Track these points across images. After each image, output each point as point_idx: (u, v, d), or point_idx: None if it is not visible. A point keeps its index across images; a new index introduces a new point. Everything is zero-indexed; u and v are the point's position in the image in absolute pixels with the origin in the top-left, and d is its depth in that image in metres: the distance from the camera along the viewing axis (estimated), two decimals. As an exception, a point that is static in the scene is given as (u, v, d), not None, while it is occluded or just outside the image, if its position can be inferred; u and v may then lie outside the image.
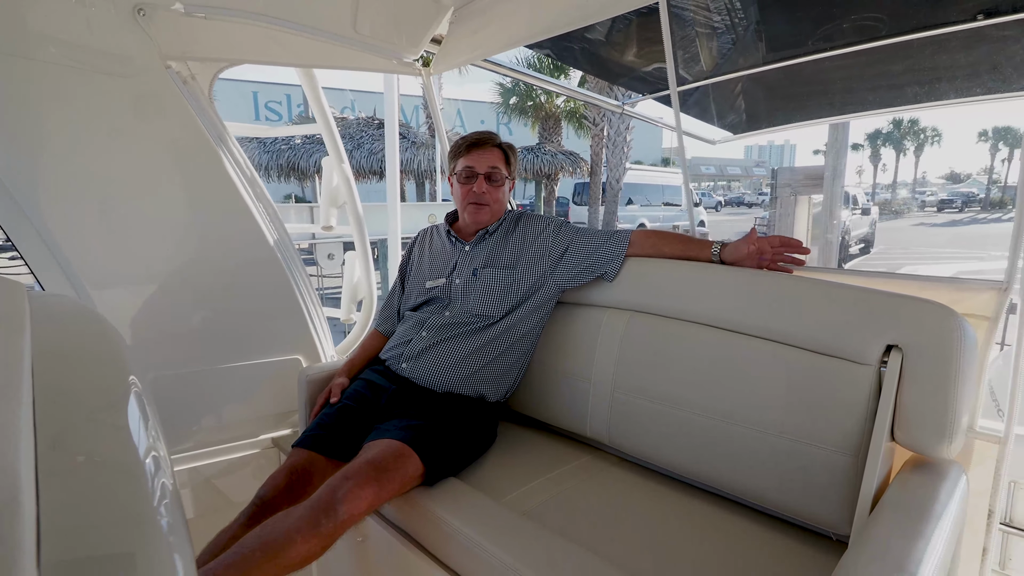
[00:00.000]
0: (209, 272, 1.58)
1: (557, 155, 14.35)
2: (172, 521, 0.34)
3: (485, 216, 1.53)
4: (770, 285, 1.22)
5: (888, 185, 50.51)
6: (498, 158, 1.53)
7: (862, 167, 55.66)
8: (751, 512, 1.19)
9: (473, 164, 1.51)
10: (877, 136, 49.45)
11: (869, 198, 21.50)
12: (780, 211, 6.07)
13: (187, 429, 1.63)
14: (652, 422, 1.31)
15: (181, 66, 1.42)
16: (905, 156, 49.66)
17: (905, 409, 1.00)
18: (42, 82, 1.23)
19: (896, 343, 1.02)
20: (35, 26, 1.19)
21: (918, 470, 1.01)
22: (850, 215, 13.77)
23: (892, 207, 33.26)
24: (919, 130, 47.54)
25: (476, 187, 1.50)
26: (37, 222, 1.31)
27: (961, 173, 66.41)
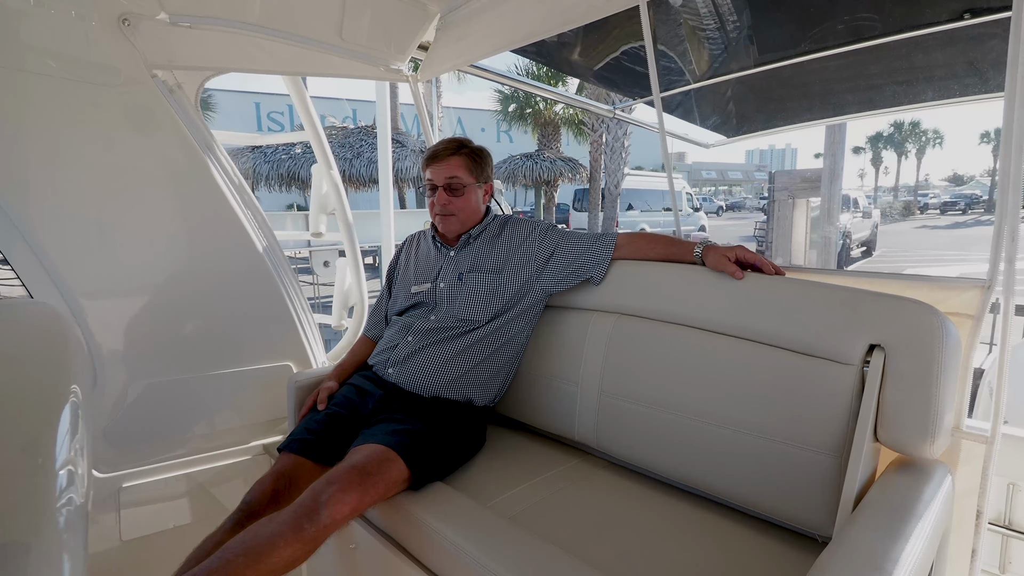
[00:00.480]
0: (199, 280, 1.59)
1: (556, 161, 14.42)
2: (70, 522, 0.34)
3: (454, 225, 1.53)
4: (754, 286, 1.22)
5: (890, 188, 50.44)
6: (457, 166, 1.50)
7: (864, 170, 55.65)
8: (737, 514, 1.18)
9: (432, 177, 1.51)
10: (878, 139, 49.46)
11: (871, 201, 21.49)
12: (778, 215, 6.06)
13: (179, 436, 1.63)
14: (639, 425, 1.31)
15: (167, 75, 1.43)
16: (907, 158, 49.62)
17: (888, 409, 0.99)
18: (28, 92, 1.24)
19: (878, 342, 1.02)
20: (20, 37, 1.20)
21: (902, 470, 1.00)
22: (851, 218, 13.75)
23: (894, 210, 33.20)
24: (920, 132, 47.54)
25: (438, 199, 1.50)
26: (26, 233, 1.32)
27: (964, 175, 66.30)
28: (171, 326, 1.57)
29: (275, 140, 1.85)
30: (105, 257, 1.44)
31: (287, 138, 1.80)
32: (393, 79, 1.76)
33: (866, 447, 0.97)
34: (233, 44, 1.46)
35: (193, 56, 1.43)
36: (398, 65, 1.72)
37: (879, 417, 1.00)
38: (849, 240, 13.17)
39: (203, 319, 1.63)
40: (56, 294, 1.39)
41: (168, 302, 1.55)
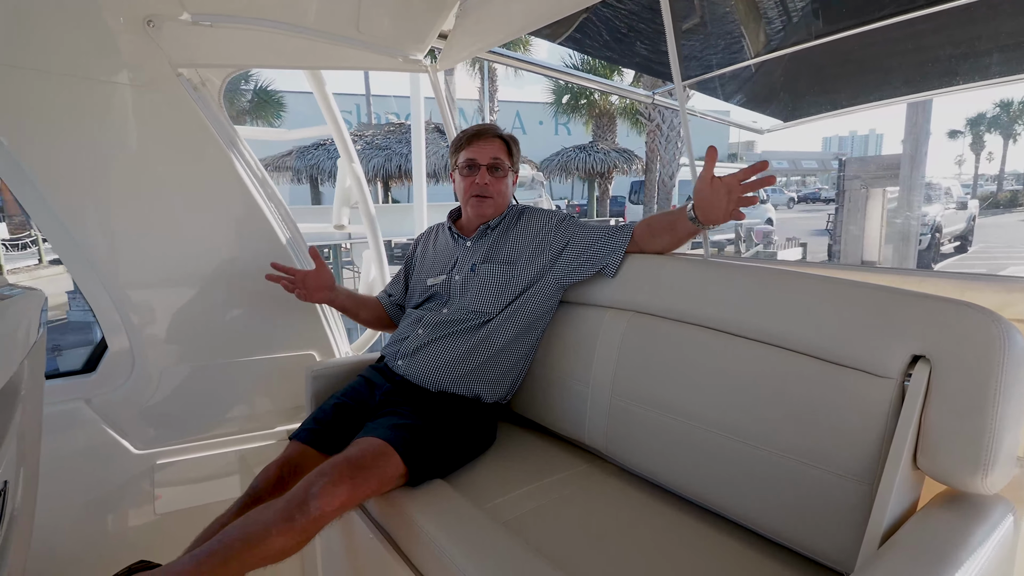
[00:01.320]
0: (226, 270, 1.65)
1: (610, 153, 14.05)
2: None
3: (489, 209, 1.50)
4: (781, 284, 1.09)
5: (994, 176, 45.42)
6: (500, 149, 1.50)
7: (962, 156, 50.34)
8: (751, 537, 1.07)
9: (475, 155, 1.48)
10: (980, 120, 44.53)
11: (967, 191, 19.40)
12: (849, 206, 5.54)
13: (209, 418, 1.71)
14: (649, 431, 1.22)
15: (192, 73, 1.48)
16: (1015, 142, 44.40)
17: (931, 431, 0.85)
18: (61, 95, 1.32)
19: (923, 353, 0.87)
20: (50, 41, 1.28)
21: (949, 505, 0.86)
22: (943, 210, 12.48)
23: (997, 200, 29.84)
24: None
25: (479, 178, 1.47)
26: (70, 227, 1.42)
27: (1086, 160, 58.39)
28: (202, 314, 1.65)
29: (299, 135, 1.89)
30: (138, 250, 1.52)
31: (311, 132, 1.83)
32: (411, 70, 1.74)
33: (901, 474, 0.84)
34: (253, 41, 1.49)
35: (215, 54, 1.47)
36: (416, 55, 1.70)
37: (920, 440, 0.86)
38: (939, 234, 11.95)
39: (232, 309, 1.69)
40: (98, 284, 1.48)
41: (198, 292, 1.62)
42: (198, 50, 1.43)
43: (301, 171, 12.27)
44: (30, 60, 1.26)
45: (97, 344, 1.59)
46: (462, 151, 1.50)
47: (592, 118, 15.32)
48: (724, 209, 1.17)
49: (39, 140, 1.32)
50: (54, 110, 1.32)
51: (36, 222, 1.40)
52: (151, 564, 1.06)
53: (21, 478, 0.87)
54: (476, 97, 14.82)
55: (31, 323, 0.79)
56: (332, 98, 1.77)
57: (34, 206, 1.36)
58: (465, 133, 1.51)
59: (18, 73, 1.25)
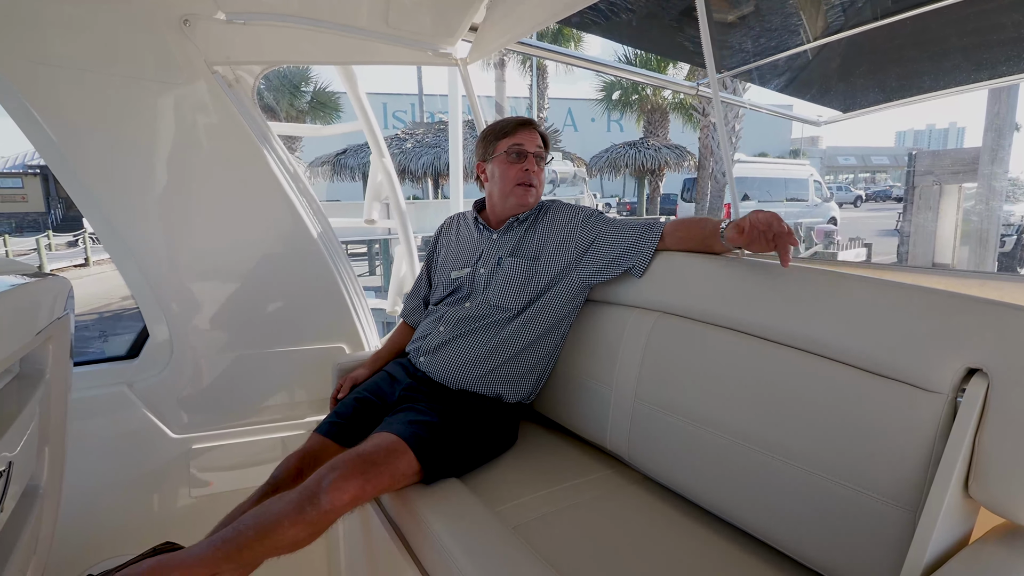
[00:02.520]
0: (260, 264, 1.70)
1: (661, 149, 13.66)
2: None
3: (532, 198, 1.47)
4: (821, 286, 1.00)
5: (1096, 172, 40.97)
6: (541, 141, 1.49)
7: (1058, 151, 45.61)
8: (779, 560, 0.99)
9: (524, 143, 1.45)
10: (1081, 112, 40.19)
11: (1064, 188, 17.54)
12: (919, 204, 5.09)
13: (243, 405, 1.78)
14: (673, 439, 1.15)
15: (226, 70, 1.53)
16: (1123, 135, 39.78)
17: (987, 455, 0.75)
18: (102, 93, 1.39)
19: (980, 366, 0.77)
20: (89, 40, 1.35)
21: (1006, 540, 0.75)
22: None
23: (1100, 199, 26.84)
24: None
25: (528, 165, 1.44)
26: (113, 222, 1.50)
27: None
28: (236, 306, 1.70)
29: (330, 131, 1.92)
30: (177, 243, 1.59)
31: (341, 128, 1.86)
32: (441, 63, 1.72)
33: (949, 501, 0.74)
34: (285, 38, 1.52)
35: (249, 51, 1.51)
36: (447, 49, 1.68)
37: (974, 465, 0.76)
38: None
39: (265, 301, 1.74)
40: (142, 277, 1.56)
41: (233, 283, 1.68)
42: (232, 48, 1.47)
43: (355, 169, 12.66)
44: (73, 59, 1.33)
45: (140, 332, 1.68)
46: (506, 138, 1.46)
47: (644, 114, 14.94)
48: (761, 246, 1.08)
49: (82, 136, 1.40)
50: (95, 108, 1.39)
51: (85, 216, 1.49)
52: (176, 546, 1.09)
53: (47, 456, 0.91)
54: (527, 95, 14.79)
55: (55, 304, 0.83)
56: (364, 94, 1.78)
57: (82, 200, 1.44)
58: (509, 122, 1.48)
59: (63, 72, 1.32)
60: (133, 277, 1.54)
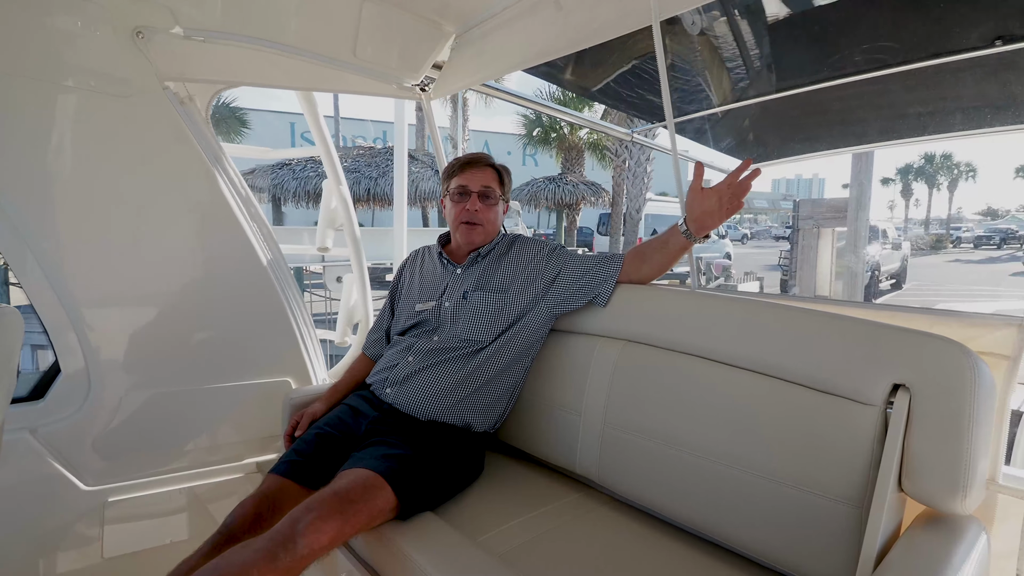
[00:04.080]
0: (201, 291, 1.58)
1: (579, 185, 14.44)
2: None
3: (478, 236, 1.50)
4: (769, 316, 1.14)
5: (921, 220, 49.24)
6: (492, 178, 1.52)
7: (893, 201, 54.48)
8: (744, 564, 1.09)
9: (466, 182, 1.49)
10: (908, 170, 48.48)
11: (900, 232, 20.94)
12: (803, 244, 5.90)
13: (171, 449, 1.60)
14: (643, 460, 1.23)
15: (179, 87, 1.45)
16: (939, 191, 48.44)
17: (914, 456, 0.90)
18: (40, 102, 1.26)
19: (903, 382, 0.93)
20: (32, 47, 1.23)
21: (930, 526, 0.91)
22: (880, 250, 13.38)
23: (925, 242, 32.31)
24: (952, 164, 46.46)
25: (469, 205, 1.48)
26: (30, 240, 1.33)
27: (999, 209, 64.39)
28: (170, 337, 1.56)
29: (285, 155, 1.86)
30: (108, 266, 1.44)
31: (297, 153, 1.81)
32: (405, 96, 1.76)
33: (889, 498, 0.88)
34: (246, 59, 1.48)
35: (206, 69, 1.45)
36: (411, 83, 1.72)
37: (904, 465, 0.91)
38: (878, 272, 12.79)
39: (204, 331, 1.61)
40: (56, 302, 1.38)
41: (169, 313, 1.54)
42: (188, 64, 1.40)
43: (264, 190, 11.98)
44: (13, 66, 1.20)
45: (47, 371, 1.48)
46: (454, 178, 1.52)
47: (561, 151, 15.75)
48: (717, 213, 1.26)
49: (4, 147, 1.25)
50: (28, 116, 1.26)
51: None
52: None
53: None
54: (447, 125, 15.01)
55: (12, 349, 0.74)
56: (323, 120, 1.76)
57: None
58: (458, 161, 1.53)
59: None
60: (46, 304, 1.36)
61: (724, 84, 2.16)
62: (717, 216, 1.27)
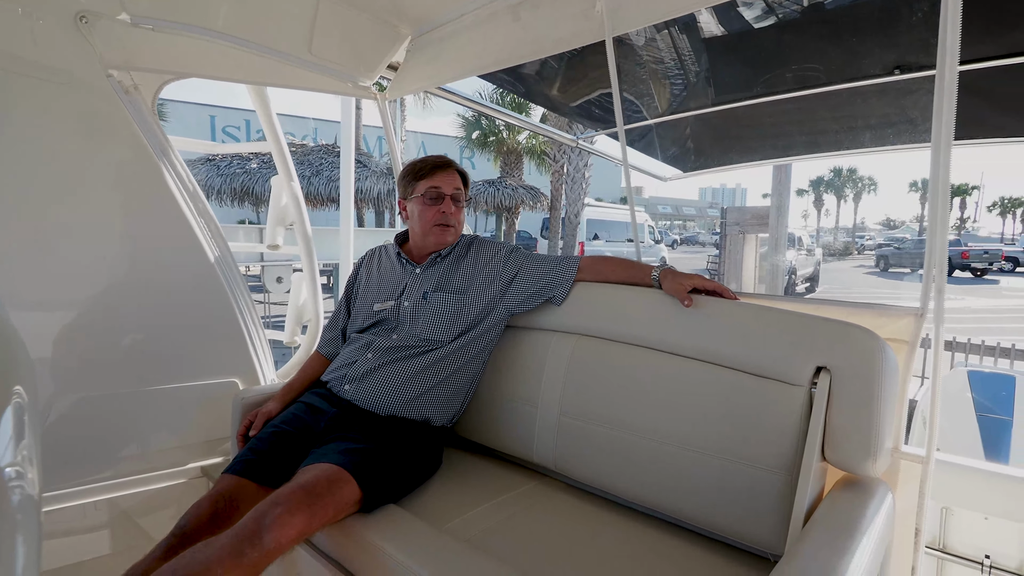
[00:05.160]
0: (143, 289, 1.51)
1: (518, 189, 14.66)
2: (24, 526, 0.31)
3: (450, 237, 1.53)
4: (710, 309, 1.26)
5: (831, 229, 53.90)
6: (459, 180, 1.56)
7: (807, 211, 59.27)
8: (692, 535, 1.19)
9: (439, 185, 1.51)
10: (820, 182, 53.01)
11: (814, 240, 22.86)
12: (730, 248, 6.35)
13: (106, 456, 1.51)
14: (596, 446, 1.31)
15: (123, 76, 1.38)
16: (845, 202, 53.29)
17: (833, 428, 1.03)
18: None
19: (825, 364, 1.06)
20: None
21: (847, 488, 1.04)
22: (796, 255, 14.53)
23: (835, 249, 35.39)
24: (857, 178, 51.30)
25: (444, 207, 1.50)
26: None
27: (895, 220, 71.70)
28: (107, 338, 1.47)
29: (236, 149, 1.81)
30: (42, 263, 1.34)
31: (248, 147, 1.76)
32: (361, 96, 1.75)
33: (815, 466, 1.00)
34: (197, 49, 1.43)
35: (153, 59, 1.39)
36: (366, 82, 1.72)
37: (826, 436, 1.04)
38: (794, 276, 13.89)
39: (144, 331, 1.53)
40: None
41: (106, 312, 1.46)
42: (134, 53, 1.34)
43: (187, 188, 11.23)
44: None
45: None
46: (423, 180, 1.52)
47: (500, 155, 15.90)
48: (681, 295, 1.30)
49: None
50: None
51: None
52: None
53: None
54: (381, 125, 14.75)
55: None
56: (275, 116, 1.72)
57: None
58: (426, 163, 1.53)
59: None
60: None
61: (664, 96, 2.31)
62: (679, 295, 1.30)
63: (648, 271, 1.40)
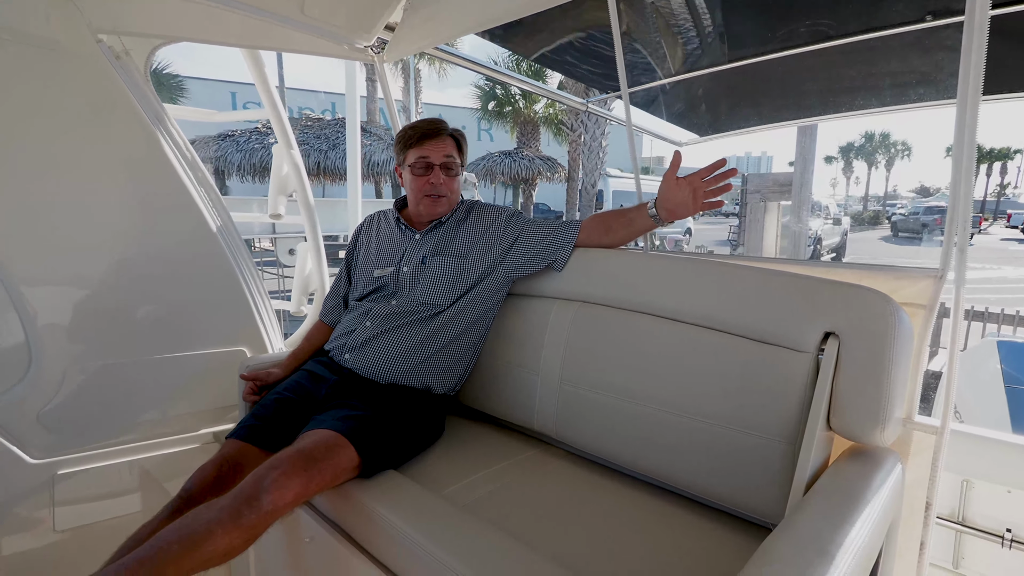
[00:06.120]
0: (147, 259, 1.52)
1: (535, 160, 14.42)
2: None
3: (443, 207, 1.50)
4: (713, 273, 1.21)
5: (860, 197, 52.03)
6: (452, 147, 1.50)
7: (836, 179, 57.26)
8: (693, 504, 1.18)
9: (428, 154, 1.47)
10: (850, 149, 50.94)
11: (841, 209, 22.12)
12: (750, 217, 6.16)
13: (122, 422, 1.56)
14: (597, 414, 1.29)
15: (114, 40, 1.35)
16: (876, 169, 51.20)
17: (840, 396, 0.99)
18: None
19: (833, 330, 1.01)
20: None
21: (853, 458, 1.00)
22: (822, 224, 14.11)
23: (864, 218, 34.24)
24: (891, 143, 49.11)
25: (433, 178, 1.46)
26: None
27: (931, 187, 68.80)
28: (117, 307, 1.50)
29: (233, 117, 1.78)
30: (44, 235, 1.36)
31: (245, 115, 1.74)
32: (357, 58, 1.70)
33: (818, 434, 0.97)
34: (186, 11, 1.39)
35: (143, 22, 1.36)
36: (363, 44, 1.67)
37: (832, 404, 1.00)
38: (819, 246, 13.51)
39: (152, 301, 1.55)
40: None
41: (114, 282, 1.48)
42: (123, 16, 1.31)
43: (207, 162, 11.37)
44: None
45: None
46: (412, 149, 1.48)
47: (517, 125, 15.63)
48: (690, 206, 1.29)
49: None
50: None
51: None
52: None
53: None
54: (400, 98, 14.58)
55: None
56: (271, 82, 1.68)
57: None
58: (416, 130, 1.48)
59: None
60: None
61: (677, 54, 2.20)
62: (690, 208, 1.29)
63: (643, 210, 1.37)
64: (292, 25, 1.51)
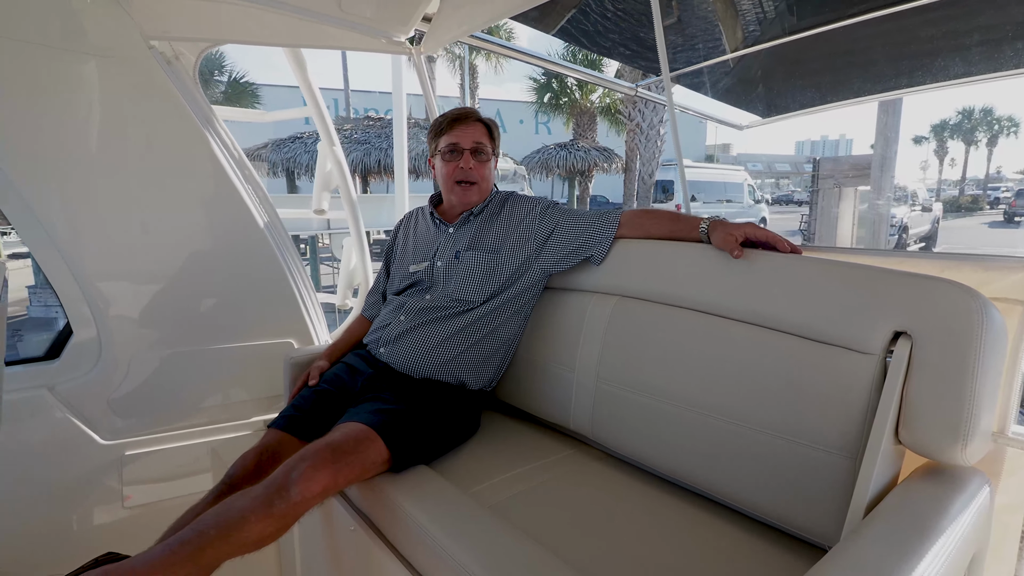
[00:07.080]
0: (200, 255, 1.60)
1: (591, 151, 14.13)
2: None
3: (474, 195, 1.47)
4: (766, 266, 1.10)
5: (956, 181, 47.16)
6: (482, 133, 1.47)
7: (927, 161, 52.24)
8: (736, 517, 1.08)
9: (457, 139, 1.44)
10: (943, 127, 46.19)
11: (932, 194, 20.12)
12: (823, 204, 5.67)
13: (182, 407, 1.66)
14: (636, 415, 1.21)
15: (164, 46, 1.42)
16: (976, 149, 46.15)
17: (912, 405, 0.86)
18: (20, 63, 1.25)
19: (905, 329, 0.89)
20: (13, 5, 1.21)
21: (929, 477, 0.87)
22: (910, 212, 12.92)
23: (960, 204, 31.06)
24: (993, 120, 44.07)
25: (463, 163, 1.44)
26: (35, 208, 1.35)
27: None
28: (174, 300, 1.59)
29: (279, 116, 1.84)
30: (106, 233, 1.46)
31: (290, 114, 1.79)
32: (395, 51, 1.70)
33: (884, 448, 0.85)
34: (231, 15, 1.44)
35: (191, 27, 1.42)
36: (400, 37, 1.66)
37: (902, 415, 0.87)
38: (906, 235, 12.36)
39: (208, 294, 1.64)
40: (65, 269, 1.42)
41: (171, 276, 1.57)
42: (172, 22, 1.38)
43: (277, 164, 12.02)
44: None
45: (60, 331, 1.53)
46: (443, 135, 1.46)
47: (572, 116, 15.40)
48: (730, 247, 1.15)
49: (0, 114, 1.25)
50: (14, 82, 1.25)
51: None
52: (119, 556, 1.01)
53: None
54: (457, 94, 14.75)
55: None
56: (313, 80, 1.72)
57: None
58: (445, 117, 1.47)
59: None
60: (56, 270, 1.40)
61: (732, 30, 2.04)
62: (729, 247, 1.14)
63: (695, 223, 1.25)
64: (331, 22, 1.53)
